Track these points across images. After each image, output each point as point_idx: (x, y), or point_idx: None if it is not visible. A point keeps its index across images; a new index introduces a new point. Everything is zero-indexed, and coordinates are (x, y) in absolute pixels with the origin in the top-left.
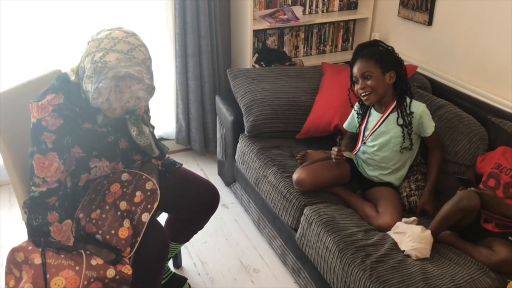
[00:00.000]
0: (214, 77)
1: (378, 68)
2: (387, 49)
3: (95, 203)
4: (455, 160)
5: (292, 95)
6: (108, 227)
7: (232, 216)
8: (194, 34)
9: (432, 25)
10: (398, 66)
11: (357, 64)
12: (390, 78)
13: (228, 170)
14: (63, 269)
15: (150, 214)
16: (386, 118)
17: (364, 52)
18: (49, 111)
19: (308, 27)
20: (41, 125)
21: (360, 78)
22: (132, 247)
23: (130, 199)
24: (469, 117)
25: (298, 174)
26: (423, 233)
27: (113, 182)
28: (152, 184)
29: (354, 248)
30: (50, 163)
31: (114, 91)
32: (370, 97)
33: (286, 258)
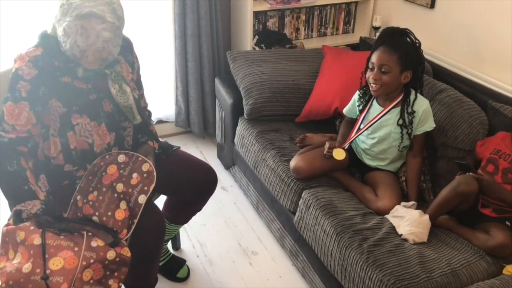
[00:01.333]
0: (214, 59)
1: (399, 66)
2: (414, 45)
3: (92, 185)
4: (455, 145)
5: (292, 78)
6: (104, 209)
7: (231, 199)
8: (193, 15)
9: (435, 8)
10: (418, 65)
11: (379, 53)
12: (405, 77)
13: (227, 153)
14: (62, 249)
15: (146, 196)
16: (388, 112)
17: (392, 41)
18: (26, 61)
19: (309, 9)
20: (18, 74)
21: (377, 68)
22: (128, 229)
23: (126, 181)
24: (469, 102)
25: (295, 162)
26: (421, 217)
27: (109, 163)
28: (149, 166)
29: (352, 232)
30: (19, 111)
31: (80, 32)
32: (379, 90)
33: (284, 241)
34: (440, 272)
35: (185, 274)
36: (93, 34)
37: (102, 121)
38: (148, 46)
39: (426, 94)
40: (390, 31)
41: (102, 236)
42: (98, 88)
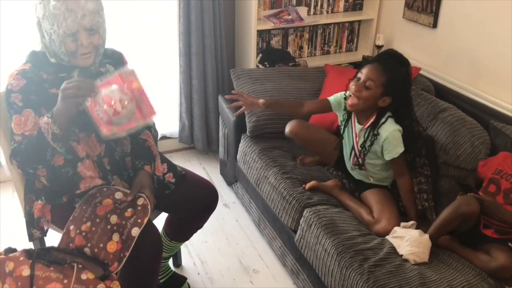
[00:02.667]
0: (218, 76)
1: (382, 88)
2: (405, 77)
3: (86, 215)
4: (457, 164)
5: (295, 96)
6: (97, 240)
7: (233, 216)
8: (198, 33)
9: (437, 28)
10: (399, 96)
11: (371, 68)
12: (383, 101)
13: (230, 169)
14: (50, 281)
15: (140, 229)
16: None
17: (387, 63)
18: (14, 76)
19: (312, 27)
20: (8, 89)
21: (362, 81)
22: (119, 262)
23: (121, 213)
24: (472, 121)
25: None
26: (421, 237)
27: (106, 197)
28: (143, 200)
29: (353, 252)
30: (26, 118)
31: (67, 15)
32: (354, 103)
33: (285, 259)
34: None
35: None
36: (79, 10)
37: (91, 132)
38: (153, 63)
39: (429, 113)
40: (391, 54)
41: (93, 269)
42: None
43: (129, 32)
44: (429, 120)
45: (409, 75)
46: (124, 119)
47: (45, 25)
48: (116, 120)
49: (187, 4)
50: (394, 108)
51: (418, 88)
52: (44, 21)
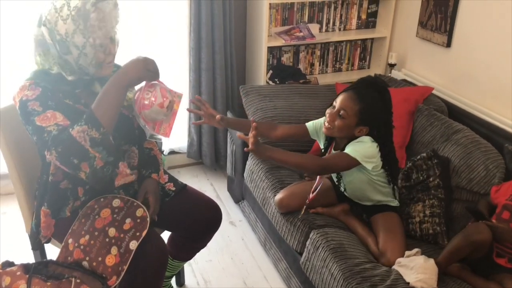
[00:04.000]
0: (227, 92)
1: (356, 118)
2: (383, 106)
3: (85, 228)
4: (469, 188)
5: (304, 113)
6: (95, 254)
7: (239, 234)
8: (208, 49)
9: (451, 47)
10: (377, 126)
11: (344, 96)
12: (360, 131)
13: (237, 187)
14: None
15: (138, 242)
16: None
17: (363, 92)
18: (26, 87)
19: (324, 44)
20: (23, 100)
21: (336, 109)
22: (118, 276)
23: (119, 226)
24: (486, 144)
25: (277, 195)
26: (427, 263)
27: (103, 207)
28: (143, 212)
29: (360, 278)
30: (52, 114)
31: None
32: (329, 131)
33: (290, 282)
34: None
35: None
36: (110, 20)
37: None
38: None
39: (442, 134)
40: (368, 81)
41: (91, 283)
42: None
43: (139, 46)
44: (442, 141)
45: (387, 103)
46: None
47: (78, 39)
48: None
49: (198, 19)
50: (373, 136)
51: (431, 108)
52: (76, 35)
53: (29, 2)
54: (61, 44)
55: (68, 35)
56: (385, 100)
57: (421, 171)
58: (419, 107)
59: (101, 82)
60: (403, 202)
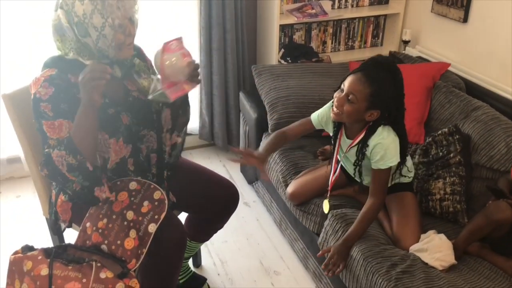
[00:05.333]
0: (239, 72)
1: (367, 102)
2: (395, 88)
3: (102, 212)
4: (489, 165)
5: (318, 92)
6: (114, 237)
7: (253, 215)
8: (219, 28)
9: (468, 23)
10: (389, 109)
11: (353, 78)
12: (370, 115)
13: (250, 168)
14: (69, 280)
15: (157, 225)
16: (355, 145)
17: (373, 73)
18: (40, 83)
19: (336, 22)
20: (36, 97)
21: (345, 93)
22: (137, 259)
23: (137, 209)
24: (507, 120)
25: (289, 188)
26: (440, 240)
27: (120, 190)
28: (160, 194)
29: (380, 257)
30: (59, 124)
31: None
32: (337, 116)
33: (307, 261)
34: None
35: None
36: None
37: (120, 136)
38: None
39: (461, 110)
40: (378, 61)
41: (111, 267)
42: (115, 101)
43: (149, 27)
44: (461, 118)
45: (399, 85)
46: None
47: (96, 20)
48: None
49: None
50: (384, 122)
51: (449, 85)
52: (95, 16)
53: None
54: (79, 26)
55: (86, 16)
56: (397, 81)
57: (441, 147)
58: (437, 84)
59: (120, 65)
60: (421, 178)
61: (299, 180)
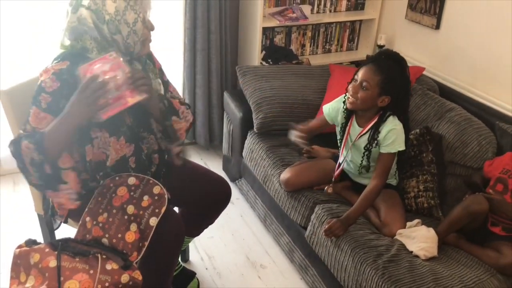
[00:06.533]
0: (222, 73)
1: (378, 88)
2: (402, 75)
3: (102, 206)
4: (463, 163)
5: (301, 93)
6: (114, 231)
7: (237, 212)
8: (203, 29)
9: (440, 29)
10: (398, 95)
11: (365, 69)
12: (382, 101)
13: (234, 166)
14: (77, 272)
15: (158, 219)
16: (365, 133)
17: (382, 63)
18: (50, 74)
19: (315, 26)
20: (41, 86)
21: (359, 82)
22: (139, 252)
23: (137, 203)
24: (478, 121)
25: (284, 175)
26: (428, 233)
27: (119, 185)
28: (160, 189)
29: (367, 248)
30: (44, 117)
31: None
32: (353, 104)
33: (293, 255)
34: None
35: (196, 287)
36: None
37: (121, 135)
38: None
39: (436, 112)
40: (386, 53)
41: (113, 259)
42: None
43: None
44: (436, 119)
45: (406, 73)
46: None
47: (129, 16)
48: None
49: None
50: (394, 107)
51: (424, 88)
52: (127, 12)
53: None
54: (111, 24)
55: (119, 13)
56: (404, 69)
57: (413, 146)
58: (413, 87)
59: (139, 61)
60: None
61: (296, 168)
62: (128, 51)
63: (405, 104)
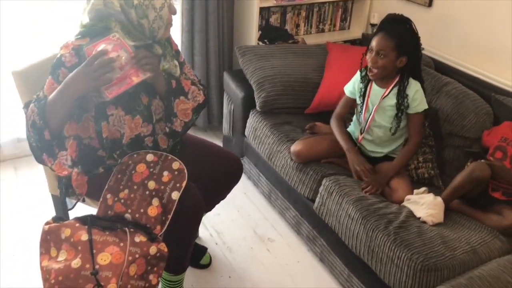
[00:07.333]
0: (220, 54)
1: (395, 52)
2: (412, 33)
3: (123, 183)
4: (462, 134)
5: (301, 71)
6: (137, 206)
7: (241, 190)
8: (201, 10)
9: (432, 6)
10: (413, 52)
11: (378, 38)
12: (401, 62)
13: (236, 145)
14: (108, 245)
15: (179, 193)
16: (389, 93)
17: (391, 28)
18: (69, 49)
19: (309, 6)
20: (61, 60)
21: (375, 52)
22: (162, 225)
23: (158, 179)
24: (474, 94)
25: (295, 147)
26: (436, 200)
27: (138, 162)
28: (179, 164)
29: (377, 216)
30: (56, 87)
31: None
32: (376, 73)
33: (300, 227)
34: (462, 250)
35: (208, 261)
36: None
37: (136, 114)
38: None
39: (433, 86)
40: (391, 18)
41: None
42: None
43: None
44: (434, 93)
45: (414, 30)
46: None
47: (157, 1)
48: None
49: None
50: (412, 65)
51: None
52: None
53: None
54: (139, 8)
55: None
56: (411, 27)
57: None
58: None
59: (160, 44)
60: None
61: (306, 141)
62: (152, 35)
63: (419, 60)
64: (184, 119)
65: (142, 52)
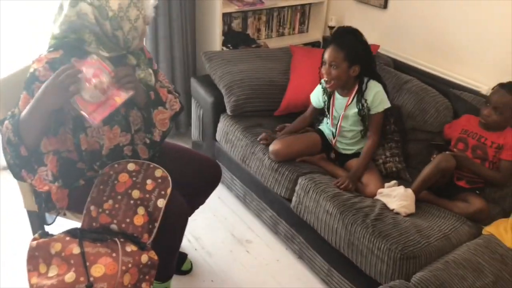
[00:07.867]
0: (185, 60)
1: (346, 62)
2: (361, 43)
3: (106, 194)
4: (424, 128)
5: (268, 75)
6: (122, 216)
7: (214, 194)
8: (165, 17)
9: (388, 8)
10: (365, 60)
11: (329, 50)
12: (354, 71)
13: (206, 150)
14: (101, 256)
15: (165, 200)
16: (352, 102)
17: (340, 40)
18: (43, 63)
19: (269, 10)
20: (35, 75)
21: (328, 64)
22: (149, 233)
23: (141, 188)
24: (433, 90)
25: (273, 146)
26: (407, 192)
27: (120, 172)
28: (162, 172)
29: (354, 210)
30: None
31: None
32: (331, 85)
33: (277, 227)
34: (436, 237)
35: (189, 267)
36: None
37: (114, 124)
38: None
39: (394, 85)
40: (340, 31)
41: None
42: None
43: None
44: (395, 91)
45: (363, 39)
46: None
47: (132, 13)
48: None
49: None
50: (366, 71)
51: (381, 63)
52: (131, 9)
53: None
54: (113, 20)
55: (122, 10)
56: (360, 37)
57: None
58: None
59: (133, 54)
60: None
61: (284, 140)
62: (126, 46)
63: (373, 65)
64: (162, 129)
65: (122, 71)
